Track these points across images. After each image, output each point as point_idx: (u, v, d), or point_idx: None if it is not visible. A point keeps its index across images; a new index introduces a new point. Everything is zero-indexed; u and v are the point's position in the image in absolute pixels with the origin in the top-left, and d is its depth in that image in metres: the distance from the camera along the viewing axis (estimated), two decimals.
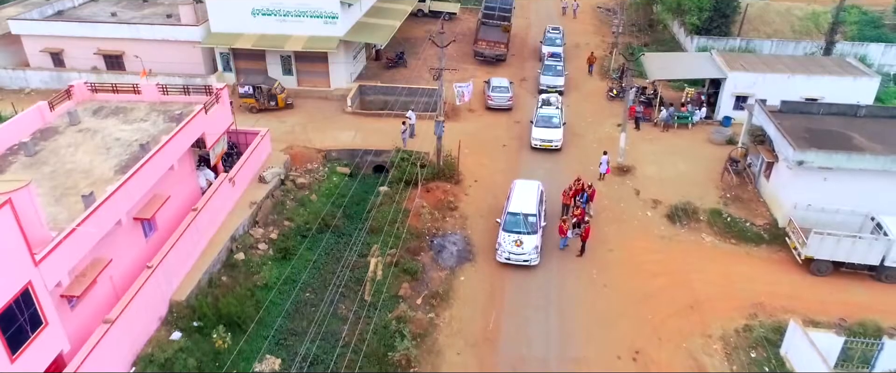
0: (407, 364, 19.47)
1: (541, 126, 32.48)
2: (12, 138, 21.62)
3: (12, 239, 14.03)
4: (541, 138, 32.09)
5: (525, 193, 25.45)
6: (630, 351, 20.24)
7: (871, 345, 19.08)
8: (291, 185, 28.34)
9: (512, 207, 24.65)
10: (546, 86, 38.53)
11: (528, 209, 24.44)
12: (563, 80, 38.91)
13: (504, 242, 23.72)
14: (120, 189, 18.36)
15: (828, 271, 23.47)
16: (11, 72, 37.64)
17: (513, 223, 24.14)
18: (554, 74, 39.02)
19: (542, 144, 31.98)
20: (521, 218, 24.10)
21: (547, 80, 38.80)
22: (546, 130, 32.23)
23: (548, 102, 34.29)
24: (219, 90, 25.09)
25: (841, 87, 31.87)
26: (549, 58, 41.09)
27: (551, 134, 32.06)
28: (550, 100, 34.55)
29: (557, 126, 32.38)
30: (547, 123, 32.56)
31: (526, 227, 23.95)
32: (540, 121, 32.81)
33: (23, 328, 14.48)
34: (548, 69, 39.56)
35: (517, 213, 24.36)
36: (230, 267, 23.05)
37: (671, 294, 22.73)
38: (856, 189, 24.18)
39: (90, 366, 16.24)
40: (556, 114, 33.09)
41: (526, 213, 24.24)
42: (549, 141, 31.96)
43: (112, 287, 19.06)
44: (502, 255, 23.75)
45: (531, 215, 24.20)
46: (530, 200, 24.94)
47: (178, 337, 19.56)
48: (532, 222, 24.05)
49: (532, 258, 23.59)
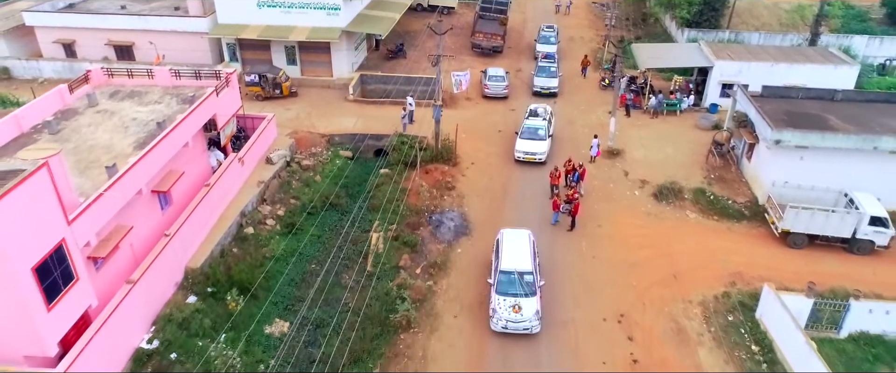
0: (407, 325, 20.89)
1: (525, 138, 31.05)
2: (36, 117, 22.98)
3: (49, 198, 15.44)
4: (524, 151, 30.58)
5: (516, 246, 22.20)
6: (615, 314, 21.67)
7: (839, 307, 20.51)
8: (296, 166, 29.74)
9: (504, 265, 21.32)
10: (540, 88, 37.99)
11: (522, 266, 21.27)
12: (556, 82, 38.26)
13: (499, 308, 20.33)
14: (141, 161, 19.77)
15: (803, 244, 24.90)
16: (25, 62, 39.05)
17: (507, 284, 20.86)
18: (548, 76, 38.42)
19: (526, 157, 30.50)
20: (516, 277, 20.90)
21: (541, 82, 38.18)
22: (531, 143, 30.82)
23: (534, 113, 32.97)
24: (228, 74, 26.51)
25: (822, 75, 33.32)
26: (544, 59, 40.67)
27: (536, 146, 30.64)
28: (538, 110, 33.19)
29: (543, 138, 30.98)
30: (532, 135, 31.17)
31: (523, 288, 20.72)
32: (525, 132, 31.34)
33: (57, 282, 15.88)
34: (541, 71, 38.84)
35: (511, 271, 21.08)
36: (240, 240, 24.45)
37: (655, 265, 24.15)
38: (830, 167, 25.62)
39: (115, 321, 17.62)
40: (542, 125, 31.57)
41: (521, 271, 21.09)
42: (532, 154, 30.46)
43: (132, 254, 20.45)
44: (498, 323, 20.32)
45: (527, 273, 21.07)
46: (524, 255, 21.76)
47: (194, 300, 20.95)
48: (529, 282, 20.86)
49: (534, 326, 20.28)
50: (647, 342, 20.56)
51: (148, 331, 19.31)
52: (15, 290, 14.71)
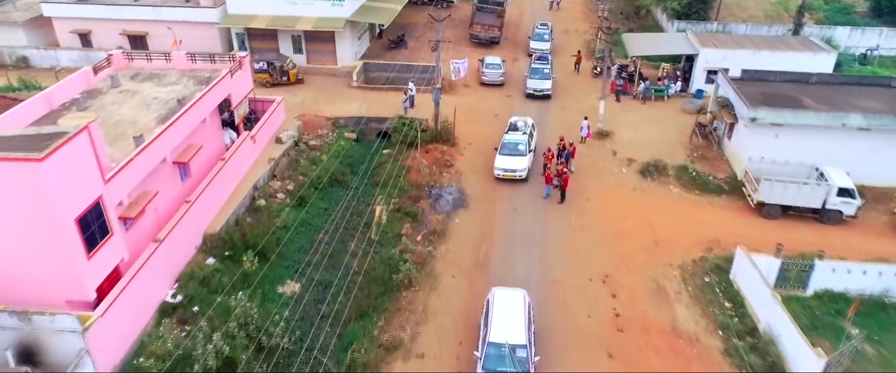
0: (408, 284, 22.73)
1: (505, 154, 29.28)
2: (64, 96, 24.80)
3: (89, 158, 17.26)
4: (503, 168, 28.82)
5: (509, 311, 19.00)
6: (600, 275, 23.51)
7: (805, 267, 22.33)
8: (304, 146, 31.57)
9: (493, 335, 18.17)
10: (533, 90, 37.55)
11: (515, 337, 18.08)
12: (549, 83, 37.75)
13: None
14: (165, 131, 21.62)
15: (777, 215, 26.73)
16: (43, 51, 40.88)
17: (496, 360, 17.70)
18: (541, 78, 37.86)
19: (505, 174, 28.75)
20: (507, 352, 17.67)
21: (534, 83, 37.66)
22: (510, 159, 28.99)
23: (514, 127, 31.19)
24: (241, 57, 28.36)
25: (801, 62, 35.14)
26: (537, 61, 39.99)
27: (516, 163, 28.85)
28: (518, 124, 31.38)
29: (524, 154, 29.18)
30: (512, 151, 29.35)
31: (514, 365, 17.55)
32: (505, 147, 29.56)
33: (95, 234, 17.69)
34: (534, 73, 38.21)
35: (501, 344, 17.88)
36: (254, 211, 26.28)
37: (639, 234, 25.99)
38: (803, 144, 27.45)
39: (144, 275, 19.44)
40: (522, 140, 29.72)
41: (513, 343, 17.88)
42: (512, 171, 28.69)
43: (156, 218, 22.27)
44: None
45: (521, 347, 17.90)
46: (517, 322, 18.58)
47: (212, 262, 22.78)
48: (522, 358, 17.70)
49: None
50: (629, 299, 22.40)
51: (172, 287, 21.13)
52: (61, 238, 16.53)
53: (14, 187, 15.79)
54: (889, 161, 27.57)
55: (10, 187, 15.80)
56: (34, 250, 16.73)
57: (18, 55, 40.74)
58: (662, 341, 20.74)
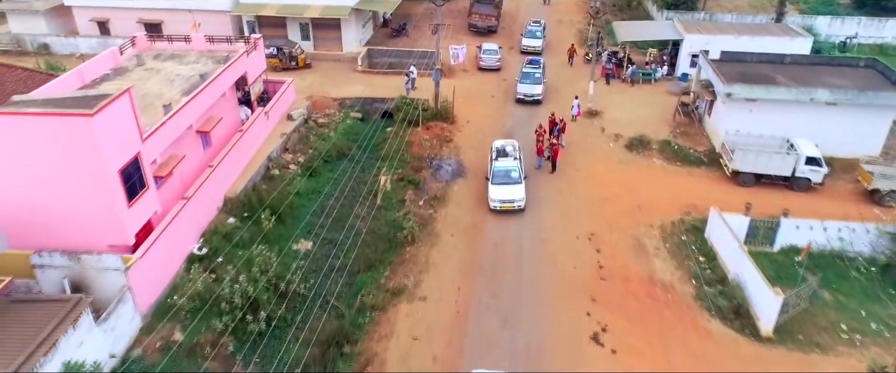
0: (411, 240, 24.98)
1: (498, 183, 26.97)
2: (95, 72, 27.04)
3: (129, 117, 19.52)
4: (500, 199, 26.54)
5: None
6: (587, 234, 25.77)
7: (771, 224, 24.57)
8: (313, 124, 33.84)
9: None
10: (523, 95, 36.63)
11: None
12: (541, 88, 36.81)
13: None
14: (191, 101, 23.87)
15: (751, 183, 28.97)
16: (63, 39, 43.13)
17: None
18: (532, 83, 37.04)
19: (502, 206, 26.60)
20: None
21: (524, 88, 36.76)
22: (505, 188, 26.74)
23: (503, 152, 28.53)
24: (256, 39, 30.62)
25: (780, 46, 37.31)
26: (528, 65, 39.01)
27: (512, 192, 26.70)
28: (506, 149, 28.77)
29: (518, 182, 27.01)
30: (505, 179, 27.01)
31: None
32: (496, 176, 27.16)
33: (134, 186, 19.94)
34: (525, 77, 37.29)
35: None
36: (268, 179, 28.52)
37: (623, 199, 28.24)
38: (776, 118, 29.69)
39: (174, 227, 21.68)
40: (514, 167, 27.46)
41: None
42: (510, 202, 26.54)
43: (182, 181, 24.52)
44: None
45: None
46: None
47: (233, 221, 25.04)
48: None
49: None
50: (612, 254, 24.67)
51: (198, 241, 23.37)
52: (106, 186, 18.78)
53: (67, 140, 18.04)
54: (854, 134, 29.82)
55: (64, 140, 18.05)
56: (83, 198, 18.98)
57: (40, 43, 43.00)
58: (641, 288, 23.00)
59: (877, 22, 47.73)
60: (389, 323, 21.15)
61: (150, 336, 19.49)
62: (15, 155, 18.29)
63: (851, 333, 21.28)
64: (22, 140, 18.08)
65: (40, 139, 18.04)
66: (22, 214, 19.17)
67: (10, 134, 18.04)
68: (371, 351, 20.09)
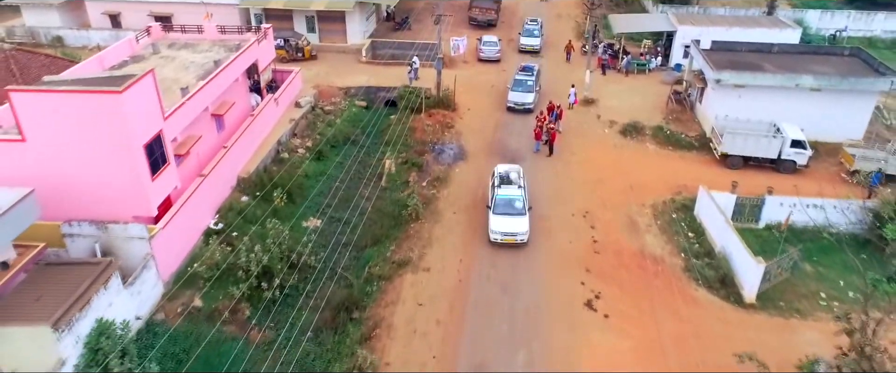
0: (415, 217, 26.34)
1: (500, 214, 24.61)
2: (114, 59, 28.39)
3: (152, 96, 20.87)
4: (501, 231, 24.14)
5: None
6: (582, 212, 27.12)
7: (756, 202, 25.93)
8: (320, 111, 35.20)
9: None
10: (514, 103, 35.70)
11: None
12: (532, 97, 35.72)
13: None
14: (207, 84, 25.23)
15: (739, 165, 30.33)
16: (76, 32, 44.50)
17: None
18: (523, 91, 35.96)
19: (504, 239, 24.18)
20: None
21: (515, 96, 35.75)
22: (508, 220, 24.35)
23: (507, 179, 26.16)
24: (266, 29, 31.98)
25: (769, 37, 38.69)
26: (520, 72, 37.61)
27: (515, 224, 24.24)
28: (510, 175, 26.47)
29: (522, 213, 24.68)
30: (507, 209, 24.67)
31: None
32: (498, 206, 24.79)
33: (157, 161, 21.30)
34: (517, 85, 36.19)
35: None
36: (279, 162, 29.87)
37: (617, 180, 29.60)
38: (763, 103, 31.07)
39: (192, 202, 23.04)
40: (519, 196, 25.14)
41: None
42: (512, 235, 24.12)
43: (198, 161, 25.88)
44: None
45: None
46: None
47: (246, 199, 26.40)
48: None
49: None
50: (605, 230, 26.02)
51: (214, 216, 24.74)
52: (132, 160, 20.14)
53: (96, 116, 19.38)
54: (838, 119, 31.23)
55: (93, 116, 19.39)
56: (110, 171, 20.32)
57: (53, 35, 44.37)
58: (632, 260, 24.36)
59: (866, 15, 49.18)
60: (395, 291, 22.51)
61: (171, 302, 20.85)
62: (48, 131, 19.64)
63: (830, 300, 22.66)
64: (55, 116, 19.42)
65: (72, 115, 19.38)
66: (53, 187, 20.50)
67: (45, 111, 19.38)
68: (379, 316, 21.45)
